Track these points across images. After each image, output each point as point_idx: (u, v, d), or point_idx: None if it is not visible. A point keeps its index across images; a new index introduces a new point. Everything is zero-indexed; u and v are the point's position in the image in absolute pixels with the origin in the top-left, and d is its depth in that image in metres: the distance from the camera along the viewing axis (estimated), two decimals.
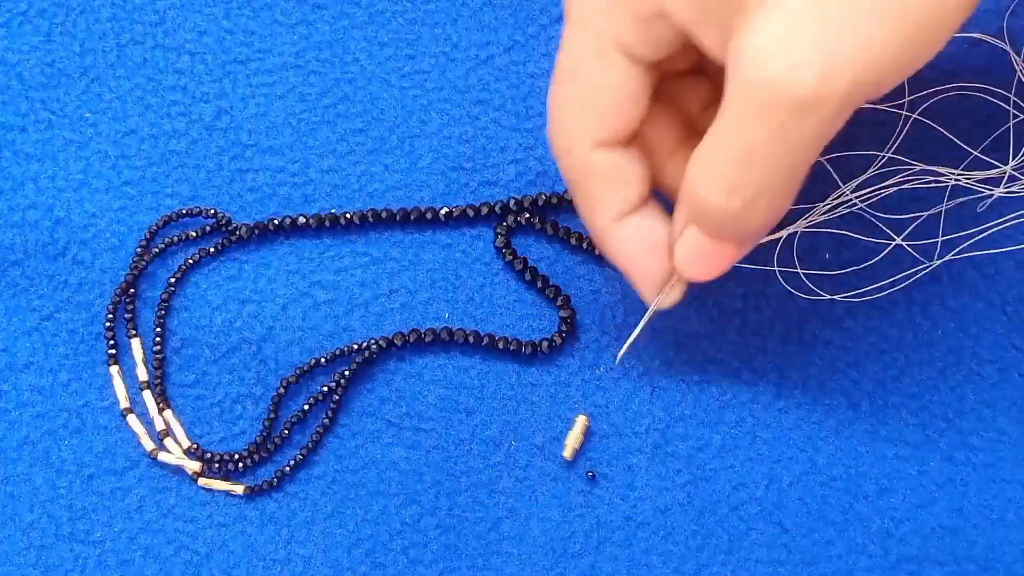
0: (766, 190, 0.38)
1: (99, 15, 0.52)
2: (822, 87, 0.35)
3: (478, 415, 0.48)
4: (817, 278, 0.48)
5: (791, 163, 0.38)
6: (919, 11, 0.35)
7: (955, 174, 0.48)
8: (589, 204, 0.43)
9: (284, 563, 0.47)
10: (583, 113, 0.41)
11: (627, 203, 0.43)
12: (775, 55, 0.35)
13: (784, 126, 0.36)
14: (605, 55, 0.40)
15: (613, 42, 0.40)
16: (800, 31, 0.35)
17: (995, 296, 0.48)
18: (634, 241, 0.43)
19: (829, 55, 0.35)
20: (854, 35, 0.35)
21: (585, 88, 0.41)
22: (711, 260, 0.42)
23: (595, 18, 0.40)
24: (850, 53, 0.35)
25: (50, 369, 0.49)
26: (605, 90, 0.41)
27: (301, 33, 0.52)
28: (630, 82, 0.41)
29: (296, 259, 0.50)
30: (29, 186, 0.50)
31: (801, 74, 0.35)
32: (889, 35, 0.35)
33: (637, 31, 0.39)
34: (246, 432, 0.48)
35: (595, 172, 0.42)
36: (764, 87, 0.36)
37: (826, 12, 0.35)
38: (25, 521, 0.47)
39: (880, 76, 0.36)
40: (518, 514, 0.47)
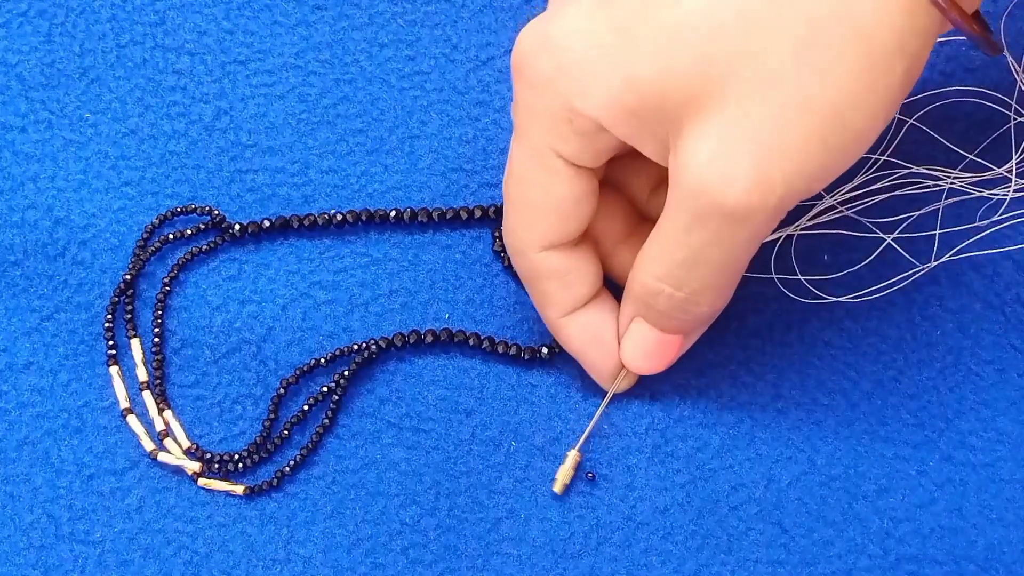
0: (708, 286, 0.41)
1: (99, 15, 0.52)
2: (753, 199, 0.37)
3: (478, 416, 0.48)
4: (815, 280, 0.48)
5: (730, 263, 0.40)
6: (848, 122, 0.37)
7: (951, 176, 0.48)
8: (541, 301, 0.45)
9: (284, 563, 0.47)
10: (531, 218, 0.43)
11: (576, 301, 0.45)
12: (708, 169, 0.37)
13: (719, 233, 0.39)
14: (548, 165, 0.41)
15: (556, 153, 0.41)
16: (732, 146, 0.37)
17: (993, 297, 0.48)
18: (583, 336, 0.45)
19: (759, 171, 0.37)
20: (784, 149, 0.37)
21: (531, 195, 0.42)
22: (657, 353, 0.44)
23: (537, 132, 0.41)
24: (779, 167, 0.37)
25: (50, 369, 0.49)
26: (550, 198, 0.42)
27: (301, 34, 0.52)
28: (574, 189, 0.42)
29: (296, 259, 0.50)
30: (29, 186, 0.50)
31: (733, 188, 0.37)
32: (819, 146, 0.37)
33: (578, 144, 0.41)
34: (246, 432, 0.48)
35: (545, 273, 0.44)
36: (699, 198, 0.38)
37: (757, 127, 0.37)
38: (25, 521, 0.47)
39: (809, 184, 0.38)
40: (518, 515, 0.47)
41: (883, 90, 0.38)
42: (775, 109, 0.37)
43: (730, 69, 0.37)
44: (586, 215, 0.43)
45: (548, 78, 0.40)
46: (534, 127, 0.41)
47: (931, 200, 0.49)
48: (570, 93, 0.39)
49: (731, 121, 0.37)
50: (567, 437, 0.48)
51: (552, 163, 0.41)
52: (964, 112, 0.50)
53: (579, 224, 0.43)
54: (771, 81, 0.37)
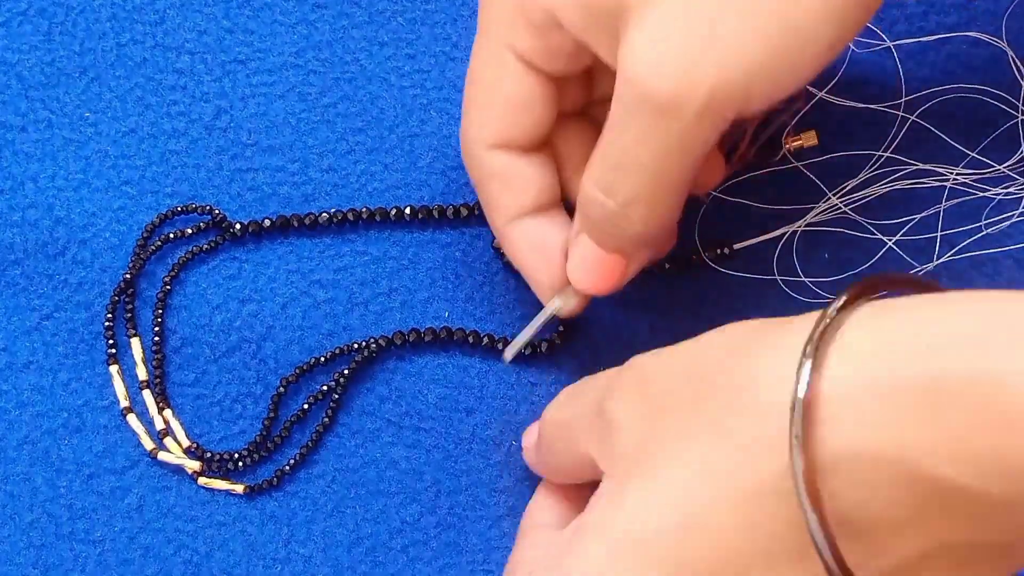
0: (640, 195, 0.39)
1: (99, 15, 0.52)
2: (681, 90, 0.36)
3: (478, 414, 0.48)
4: (817, 278, 0.48)
5: (657, 168, 0.39)
6: (790, 23, 0.36)
7: (954, 172, 0.48)
8: (488, 204, 0.45)
9: (284, 562, 0.47)
10: (481, 115, 0.43)
11: (520, 206, 0.44)
12: (641, 59, 0.37)
13: (648, 129, 0.38)
14: (501, 61, 0.42)
15: (509, 48, 0.42)
16: (666, 37, 0.37)
17: None
18: (524, 243, 0.44)
19: (690, 60, 0.36)
20: (718, 42, 0.36)
21: (483, 92, 0.43)
22: (598, 269, 0.42)
23: (495, 26, 0.42)
24: (712, 59, 0.36)
25: (50, 368, 0.49)
26: (499, 94, 0.42)
27: (301, 33, 0.52)
28: (524, 88, 0.42)
29: (296, 258, 0.50)
30: (29, 185, 0.50)
31: (662, 77, 0.37)
32: (759, 39, 0.36)
33: (532, 39, 0.41)
34: (246, 431, 0.48)
35: (492, 174, 0.44)
36: (630, 88, 0.37)
37: (693, 20, 0.36)
38: (25, 520, 0.47)
39: (748, 81, 0.37)
40: (518, 513, 0.47)
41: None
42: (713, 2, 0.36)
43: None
44: (536, 119, 0.43)
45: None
46: (491, 21, 0.42)
47: (933, 199, 0.49)
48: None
49: (671, 11, 0.37)
50: None
51: (504, 57, 0.42)
52: (965, 110, 0.50)
53: (527, 126, 0.43)
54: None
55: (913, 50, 0.50)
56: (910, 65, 0.50)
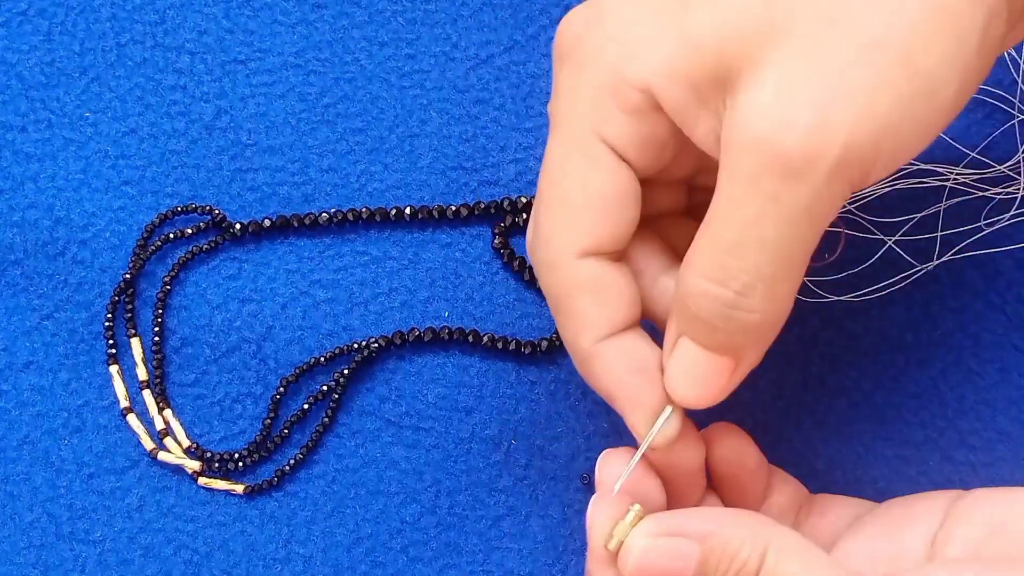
0: (761, 277, 0.35)
1: (99, 15, 0.52)
2: (813, 146, 0.33)
3: (478, 414, 0.48)
4: (817, 278, 0.48)
5: (783, 243, 0.35)
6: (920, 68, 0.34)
7: (954, 172, 0.48)
8: (573, 322, 0.39)
9: (284, 562, 0.47)
10: (568, 219, 0.38)
11: (614, 322, 0.39)
12: (764, 118, 0.34)
13: (774, 196, 0.34)
14: (591, 153, 0.38)
15: (599, 138, 0.38)
16: (792, 92, 0.34)
17: (995, 296, 0.48)
18: (622, 364, 0.39)
19: (820, 114, 0.33)
20: (848, 94, 0.34)
21: (568, 190, 0.38)
22: (707, 377, 0.38)
23: (580, 115, 0.38)
24: (844, 112, 0.34)
25: (50, 368, 0.49)
26: (590, 191, 0.38)
27: (301, 33, 0.52)
28: (617, 182, 0.38)
29: (296, 258, 0.50)
30: (29, 185, 0.50)
31: (791, 134, 0.33)
32: (888, 92, 0.34)
33: (626, 125, 0.37)
34: (246, 431, 0.48)
35: (581, 285, 0.38)
36: (753, 152, 0.34)
37: (819, 72, 0.34)
38: (25, 520, 0.47)
39: (877, 139, 0.34)
40: (518, 512, 0.47)
41: (957, 37, 0.34)
42: (839, 48, 0.33)
43: (795, 11, 0.34)
44: (628, 220, 0.38)
45: (595, 49, 0.37)
46: (576, 109, 0.37)
47: (933, 199, 0.49)
48: (619, 60, 0.36)
49: (791, 65, 0.34)
50: (567, 435, 0.48)
51: (594, 149, 0.38)
52: (965, 110, 0.50)
53: (620, 228, 0.38)
54: (835, 19, 0.34)
55: None
56: None
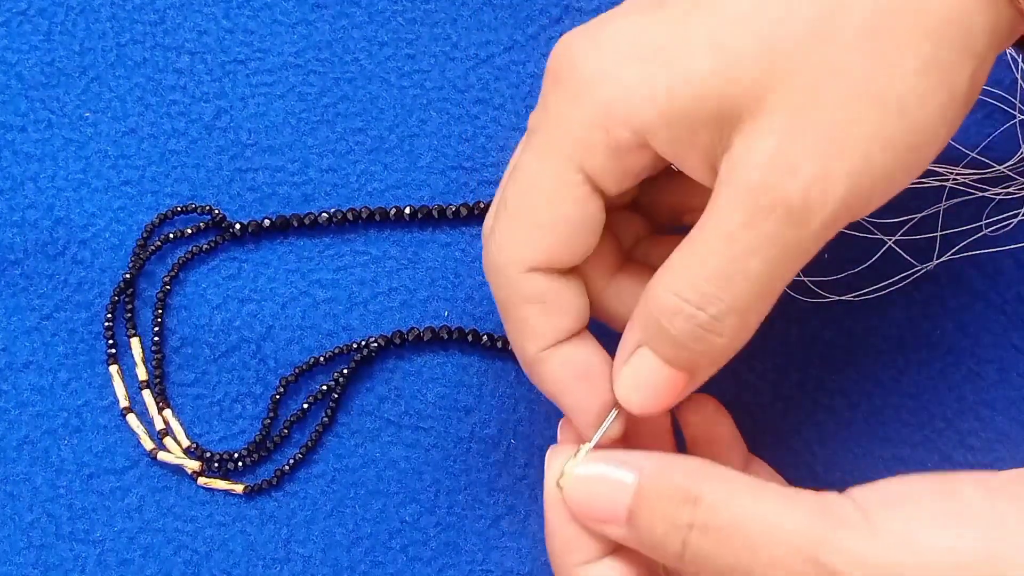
0: (738, 308, 0.36)
1: (99, 15, 0.52)
2: (815, 194, 0.35)
3: (477, 413, 0.48)
4: (817, 278, 0.48)
5: (767, 278, 0.36)
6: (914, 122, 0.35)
7: (954, 172, 0.48)
8: (519, 330, 0.40)
9: (284, 562, 0.47)
10: (529, 234, 0.39)
11: (560, 331, 0.40)
12: (767, 161, 0.35)
13: (771, 235, 0.35)
14: (567, 180, 0.38)
15: (579, 169, 0.38)
16: (796, 140, 0.35)
17: (994, 296, 0.48)
18: (566, 370, 0.40)
19: (823, 166, 0.35)
20: (849, 144, 0.35)
21: (536, 208, 0.39)
22: (661, 389, 0.38)
23: (565, 144, 0.38)
24: (844, 162, 0.35)
25: (50, 368, 0.49)
26: (557, 215, 0.38)
27: (301, 33, 0.52)
28: (586, 212, 0.38)
29: (295, 258, 0.50)
30: (29, 186, 0.50)
31: (796, 180, 0.35)
32: (884, 145, 0.35)
33: (608, 160, 0.37)
34: (245, 431, 0.48)
35: (528, 297, 0.39)
36: (758, 195, 0.35)
37: (823, 120, 0.35)
38: (25, 520, 0.47)
39: (871, 187, 0.36)
40: (518, 512, 0.47)
41: (949, 90, 0.35)
42: (840, 101, 0.35)
43: (797, 58, 0.35)
44: (587, 246, 0.39)
45: (590, 81, 0.37)
46: (562, 136, 0.38)
47: (933, 199, 0.49)
48: (614, 99, 0.36)
49: (793, 114, 0.35)
50: None
51: (571, 177, 0.38)
52: None
53: (578, 250, 0.39)
54: (838, 71, 0.35)
55: None
56: None
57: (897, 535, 0.33)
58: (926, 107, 0.35)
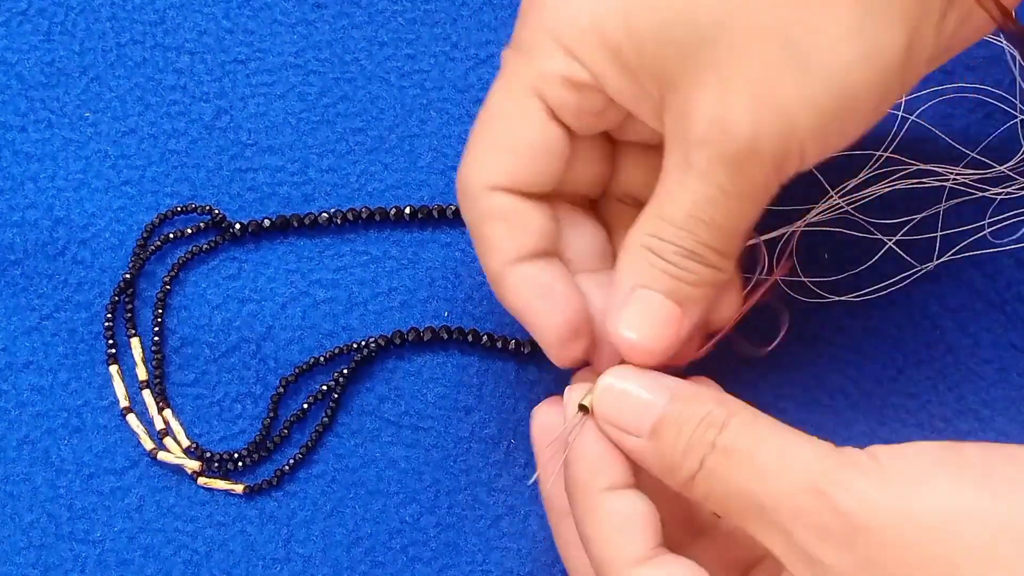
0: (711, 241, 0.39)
1: (99, 14, 0.52)
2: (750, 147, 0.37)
3: (477, 413, 0.48)
4: (817, 278, 0.48)
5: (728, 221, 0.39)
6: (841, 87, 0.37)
7: (954, 171, 0.48)
8: (484, 246, 0.41)
9: (284, 562, 0.47)
10: (491, 156, 0.41)
11: (523, 249, 0.41)
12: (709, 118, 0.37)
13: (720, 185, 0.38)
14: (526, 106, 0.40)
15: (539, 96, 0.40)
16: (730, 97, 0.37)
17: (994, 295, 0.48)
18: (528, 287, 0.41)
19: (755, 122, 0.37)
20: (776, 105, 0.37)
21: (498, 131, 0.41)
22: (662, 324, 0.40)
23: (529, 72, 0.40)
24: (773, 124, 0.37)
25: (50, 368, 0.49)
26: (517, 137, 0.41)
27: (301, 33, 0.52)
28: (546, 136, 0.41)
29: (295, 258, 0.50)
30: (29, 185, 0.50)
31: (732, 136, 0.37)
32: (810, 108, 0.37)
33: (567, 93, 0.40)
34: (245, 431, 0.48)
35: (492, 213, 0.41)
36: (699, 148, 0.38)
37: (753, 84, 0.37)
38: (25, 520, 0.47)
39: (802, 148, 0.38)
40: (517, 511, 0.47)
41: (880, 58, 0.37)
42: (768, 63, 0.37)
43: (724, 18, 0.37)
44: (551, 171, 0.41)
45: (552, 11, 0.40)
46: (525, 67, 0.40)
47: (933, 198, 0.49)
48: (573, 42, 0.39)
49: (728, 72, 0.37)
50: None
51: (530, 103, 0.40)
52: (965, 110, 0.50)
53: (539, 175, 0.41)
54: (765, 34, 0.37)
55: None
56: None
57: (903, 480, 0.34)
58: (852, 75, 0.37)
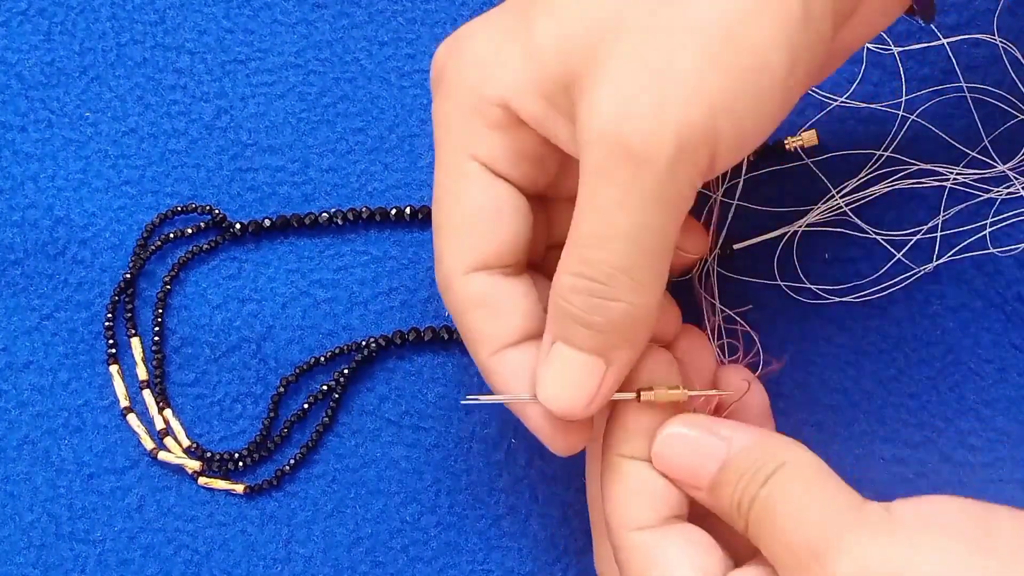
0: (622, 267, 0.36)
1: (99, 14, 0.52)
2: (651, 135, 0.35)
3: (478, 413, 0.48)
4: (817, 278, 0.48)
5: (638, 231, 0.36)
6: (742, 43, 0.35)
7: (955, 171, 0.48)
8: (469, 337, 0.40)
9: (284, 562, 0.47)
10: (451, 238, 0.39)
11: (508, 335, 0.39)
12: (607, 112, 0.35)
13: (622, 186, 0.35)
14: (464, 172, 0.39)
15: (471, 157, 0.39)
16: (627, 87, 0.35)
17: (994, 295, 0.48)
18: (517, 376, 0.39)
19: (654, 103, 0.35)
20: (676, 72, 0.35)
21: (450, 211, 0.39)
22: (579, 380, 0.37)
23: (453, 135, 0.39)
24: (675, 98, 0.35)
25: (50, 368, 0.49)
26: (467, 208, 0.39)
27: (301, 32, 0.52)
28: (491, 197, 0.39)
29: (296, 258, 0.50)
30: (29, 185, 0.50)
31: (629, 125, 0.35)
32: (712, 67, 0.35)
33: (493, 140, 0.39)
34: (246, 431, 0.48)
35: (471, 301, 0.39)
36: (596, 148, 0.35)
37: (650, 65, 0.35)
38: (25, 520, 0.47)
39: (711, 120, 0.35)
40: (518, 511, 0.47)
41: (780, 12, 0.35)
42: (667, 34, 0.35)
43: (623, 3, 0.36)
44: (511, 234, 0.39)
45: (457, 74, 0.39)
46: (448, 132, 0.39)
47: (933, 199, 0.49)
48: (478, 81, 0.38)
49: (627, 58, 0.35)
50: None
51: (466, 167, 0.39)
52: (966, 110, 0.50)
53: (502, 242, 0.39)
54: (662, 5, 0.35)
55: (913, 50, 0.50)
56: (910, 64, 0.50)
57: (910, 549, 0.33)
58: (755, 29, 0.35)
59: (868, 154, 0.49)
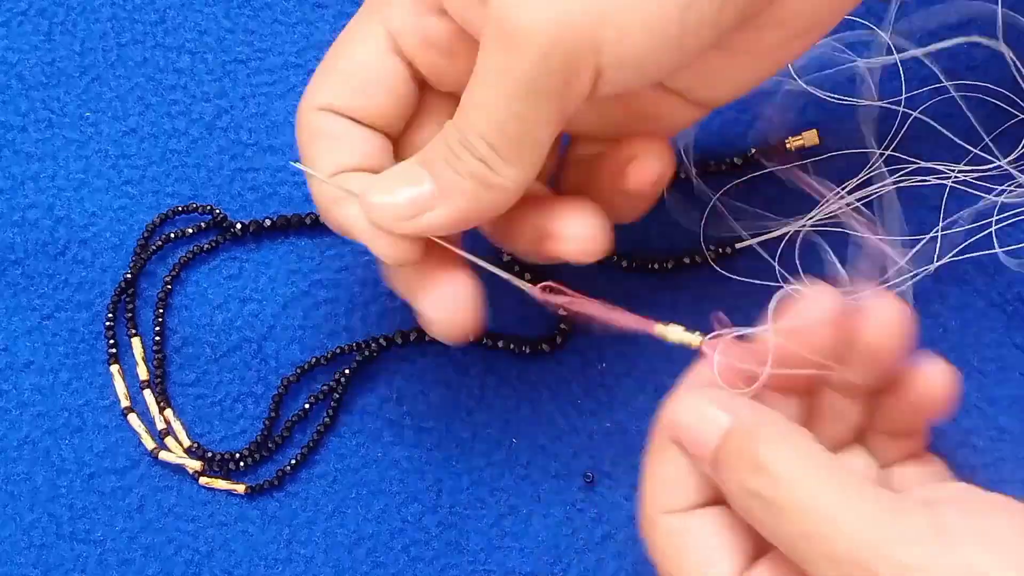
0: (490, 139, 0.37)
1: (99, 14, 0.52)
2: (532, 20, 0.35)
3: (479, 413, 0.48)
4: (816, 279, 0.48)
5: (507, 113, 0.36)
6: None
7: (955, 171, 0.48)
8: (307, 161, 0.41)
9: (285, 562, 0.47)
10: (324, 77, 0.41)
11: (341, 165, 0.41)
12: None
13: (500, 64, 0.36)
14: (369, 34, 0.41)
15: (383, 23, 0.41)
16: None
17: (995, 294, 0.48)
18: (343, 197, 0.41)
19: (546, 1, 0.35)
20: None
21: (337, 58, 0.41)
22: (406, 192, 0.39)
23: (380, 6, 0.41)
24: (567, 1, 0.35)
25: (51, 368, 0.49)
26: (353, 61, 0.41)
27: (301, 32, 0.52)
28: (381, 62, 0.41)
29: (297, 258, 0.50)
30: (29, 185, 0.50)
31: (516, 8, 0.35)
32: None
33: (406, 18, 0.40)
34: (247, 431, 0.48)
35: (313, 131, 0.41)
36: (492, 22, 0.36)
37: None
38: (26, 520, 0.47)
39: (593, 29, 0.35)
40: (519, 511, 0.47)
41: None
42: None
43: None
44: (381, 102, 0.41)
45: None
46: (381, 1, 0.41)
47: (934, 198, 0.49)
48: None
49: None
50: (568, 434, 0.48)
51: (373, 29, 0.41)
52: (966, 109, 0.50)
53: (371, 104, 0.41)
54: None
55: (914, 50, 0.50)
56: (911, 63, 0.50)
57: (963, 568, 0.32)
58: None
59: (870, 152, 0.49)
